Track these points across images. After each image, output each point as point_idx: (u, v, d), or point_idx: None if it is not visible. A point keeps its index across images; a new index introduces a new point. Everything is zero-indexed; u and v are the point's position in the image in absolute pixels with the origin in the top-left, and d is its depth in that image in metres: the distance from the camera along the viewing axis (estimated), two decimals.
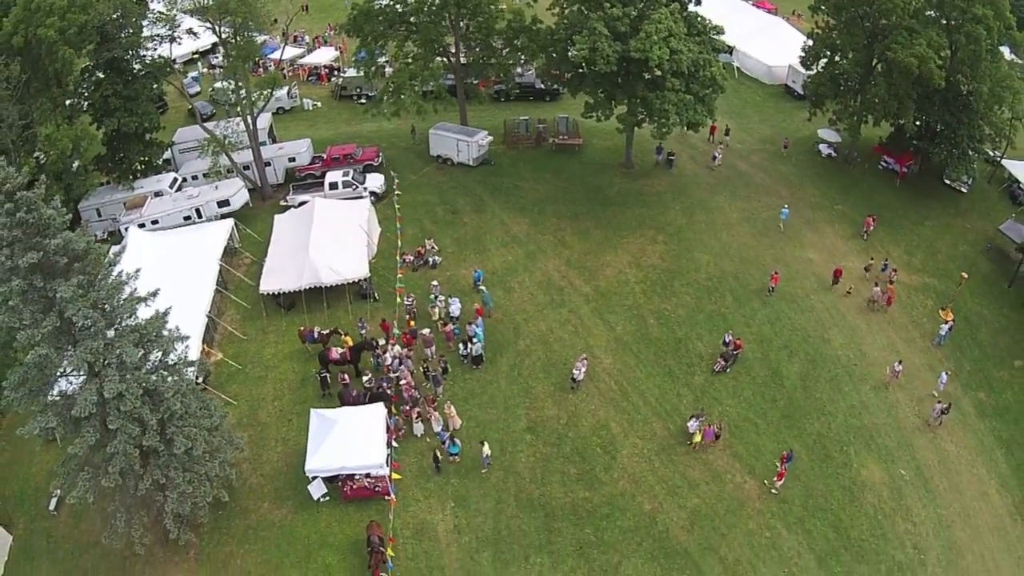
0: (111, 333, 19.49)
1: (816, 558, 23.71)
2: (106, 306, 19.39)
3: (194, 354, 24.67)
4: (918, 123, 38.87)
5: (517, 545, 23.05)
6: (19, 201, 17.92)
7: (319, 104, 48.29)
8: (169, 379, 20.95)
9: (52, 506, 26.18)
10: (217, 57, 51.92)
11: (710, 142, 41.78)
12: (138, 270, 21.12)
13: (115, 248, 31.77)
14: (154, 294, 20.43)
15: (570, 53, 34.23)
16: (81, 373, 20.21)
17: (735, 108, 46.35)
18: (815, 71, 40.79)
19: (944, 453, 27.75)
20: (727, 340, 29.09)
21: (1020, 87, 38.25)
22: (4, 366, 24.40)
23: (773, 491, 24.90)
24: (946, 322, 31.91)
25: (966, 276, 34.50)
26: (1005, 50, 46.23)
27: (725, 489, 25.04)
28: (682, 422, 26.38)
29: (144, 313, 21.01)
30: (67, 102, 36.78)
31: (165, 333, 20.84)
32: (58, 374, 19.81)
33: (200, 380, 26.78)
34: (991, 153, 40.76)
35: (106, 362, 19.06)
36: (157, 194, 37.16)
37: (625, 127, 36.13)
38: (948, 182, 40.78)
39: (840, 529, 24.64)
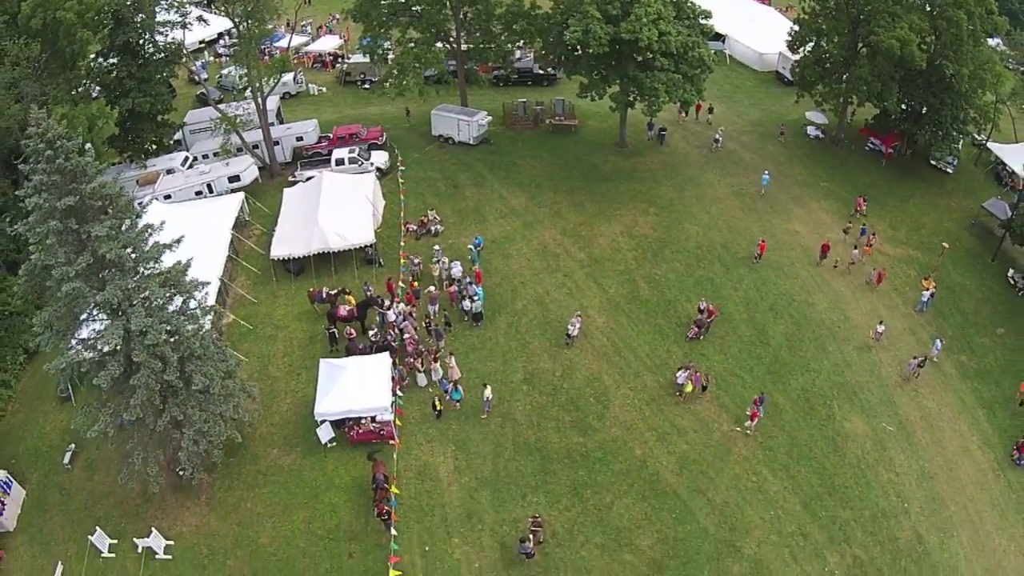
0: (138, 275, 21.01)
1: (801, 501, 25.01)
2: (134, 249, 20.90)
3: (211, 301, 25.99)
4: (903, 105, 40.36)
5: (514, 485, 24.46)
6: (58, 149, 19.50)
7: (324, 89, 50.05)
8: (189, 324, 22.45)
9: (67, 460, 27.57)
10: (223, 46, 53.81)
11: (696, 120, 43.50)
12: (162, 221, 22.65)
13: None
14: (178, 241, 21.89)
15: (565, 36, 35.95)
16: (106, 317, 21.69)
17: (726, 93, 48.07)
18: (801, 55, 42.52)
19: (926, 410, 29.09)
20: (702, 308, 30.28)
21: (1002, 71, 39.96)
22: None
23: (747, 432, 26.25)
24: (927, 290, 33.46)
25: (947, 246, 35.84)
26: (997, 41, 48.31)
27: (712, 437, 26.44)
28: (671, 375, 27.75)
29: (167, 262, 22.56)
30: (84, 82, 38.44)
31: (186, 279, 22.37)
32: (86, 315, 21.25)
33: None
34: (976, 136, 42.27)
35: (133, 301, 20.55)
36: (169, 171, 38.79)
37: (618, 106, 37.71)
38: (934, 163, 42.20)
39: (824, 476, 25.95)
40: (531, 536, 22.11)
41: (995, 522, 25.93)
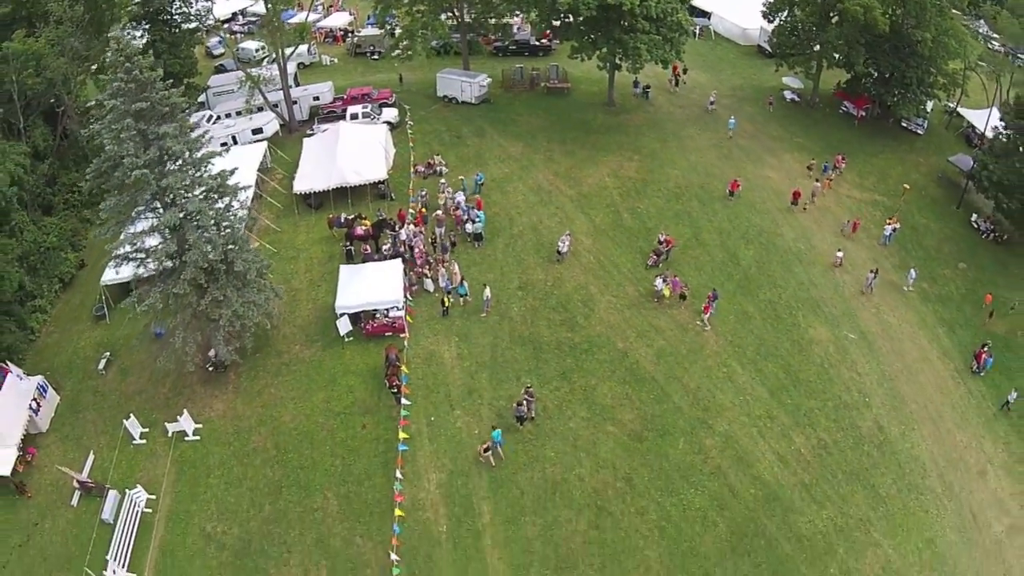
0: (194, 171, 24.74)
1: (768, 391, 28.18)
2: (190, 150, 24.57)
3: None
4: (871, 69, 43.71)
5: (510, 369, 27.93)
6: (134, 62, 23.28)
7: (336, 60, 54.07)
8: (232, 218, 25.98)
9: (101, 366, 30.76)
10: (239, 24, 58.08)
11: (677, 88, 47.18)
12: (207, 132, 26.22)
13: None
14: (225, 146, 25.38)
15: (558, 3, 39.68)
16: (162, 209, 25.22)
17: (711, 64, 51.95)
18: (776, 23, 45.86)
19: (887, 324, 32.24)
20: (661, 239, 33.25)
21: (966, 38, 43.21)
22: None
23: (703, 325, 29.49)
24: (889, 225, 36.66)
25: (908, 187, 39.38)
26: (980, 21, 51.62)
27: (687, 336, 29.82)
28: (651, 286, 31.21)
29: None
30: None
31: (229, 183, 25.91)
32: (144, 206, 24.69)
33: None
34: (942, 97, 44.77)
35: (188, 193, 24.25)
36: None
37: (605, 65, 41.54)
38: (904, 125, 45.57)
39: (790, 371, 29.12)
40: (525, 402, 25.53)
41: (955, 421, 28.88)
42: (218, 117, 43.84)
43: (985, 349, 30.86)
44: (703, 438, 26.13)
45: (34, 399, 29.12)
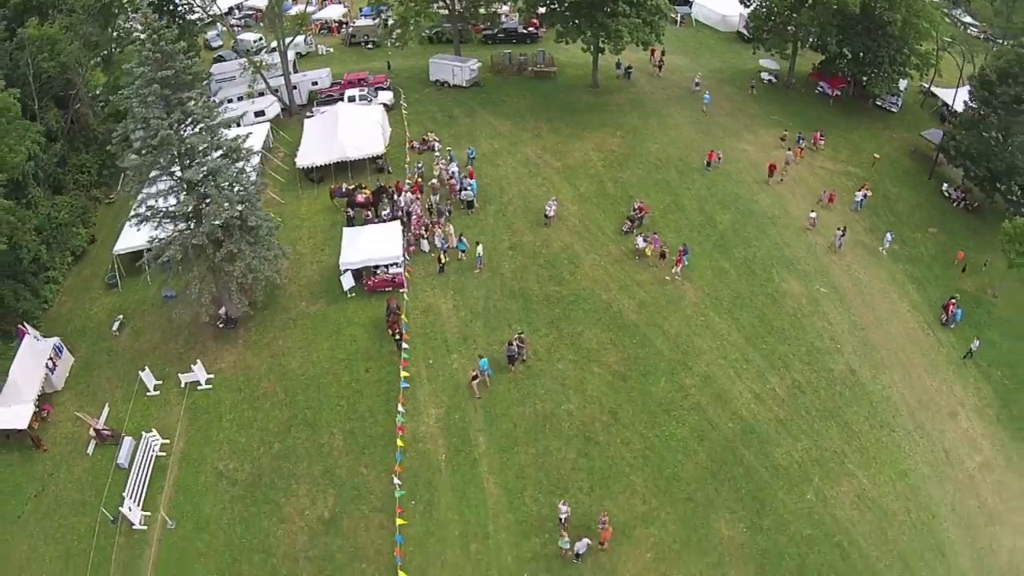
0: (212, 134, 26.86)
1: (744, 337, 30.20)
2: (209, 115, 26.68)
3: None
4: (845, 51, 45.84)
5: (502, 318, 29.93)
6: (161, 34, 25.43)
7: (331, 50, 56.45)
8: (246, 178, 27.99)
9: (115, 327, 32.45)
10: (235, 18, 60.19)
11: (651, 63, 49.63)
12: (225, 101, 28.16)
13: None
14: (241, 116, 27.27)
15: None
16: (179, 171, 27.18)
17: (692, 49, 54.58)
18: (753, 7, 48.09)
19: (858, 280, 34.12)
20: (635, 207, 35.26)
21: (936, 19, 44.71)
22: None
23: (674, 278, 31.51)
24: (860, 191, 38.71)
25: (878, 156, 41.55)
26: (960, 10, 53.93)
27: (667, 289, 31.87)
28: (632, 245, 33.24)
29: None
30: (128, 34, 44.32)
31: (244, 146, 27.89)
32: (164, 163, 26.71)
33: None
34: (914, 76, 46.41)
35: (208, 153, 26.42)
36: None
37: (590, 48, 43.90)
38: (879, 103, 47.72)
39: (764, 320, 31.12)
40: (516, 344, 27.45)
41: (926, 367, 30.54)
42: (221, 102, 45.93)
43: (953, 301, 32.71)
44: (683, 378, 28.14)
45: (50, 359, 30.70)
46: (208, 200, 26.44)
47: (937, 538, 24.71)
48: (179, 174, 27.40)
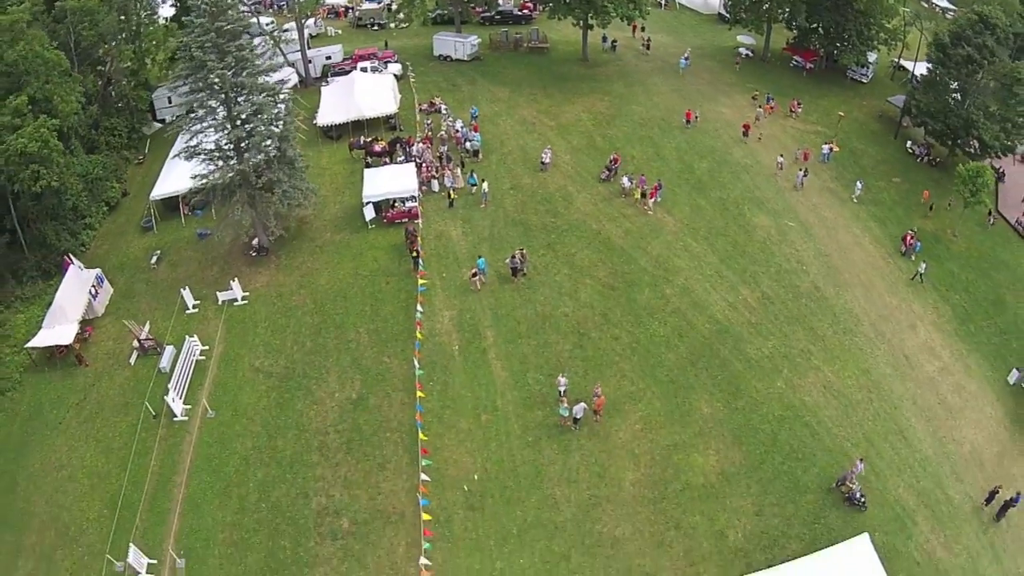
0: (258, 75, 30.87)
1: (719, 258, 34.00)
2: (256, 62, 30.68)
3: None
4: (815, 26, 50.07)
5: (506, 242, 33.76)
6: None
7: (339, 32, 60.57)
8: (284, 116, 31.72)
9: (153, 261, 35.97)
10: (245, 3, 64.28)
11: (633, 38, 54.21)
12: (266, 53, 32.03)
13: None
14: (277, 68, 31.05)
15: None
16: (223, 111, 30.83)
17: (675, 28, 59.43)
18: None
19: (824, 217, 37.91)
20: (611, 158, 38.97)
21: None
22: None
23: (648, 209, 35.22)
24: (827, 144, 42.63)
25: (843, 114, 45.49)
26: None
27: (650, 220, 35.79)
28: (619, 186, 37.16)
29: None
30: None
31: (282, 95, 31.60)
32: (220, 102, 30.52)
33: None
34: (882, 50, 50.71)
35: (256, 91, 30.34)
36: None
37: (579, 23, 48.35)
38: (851, 75, 51.74)
39: (737, 245, 34.91)
40: (519, 257, 31.25)
41: (886, 288, 34.16)
42: None
43: (911, 234, 36.24)
44: (664, 288, 31.92)
45: (93, 287, 34.08)
46: (252, 135, 30.29)
47: (899, 424, 28.04)
48: (223, 113, 31.18)
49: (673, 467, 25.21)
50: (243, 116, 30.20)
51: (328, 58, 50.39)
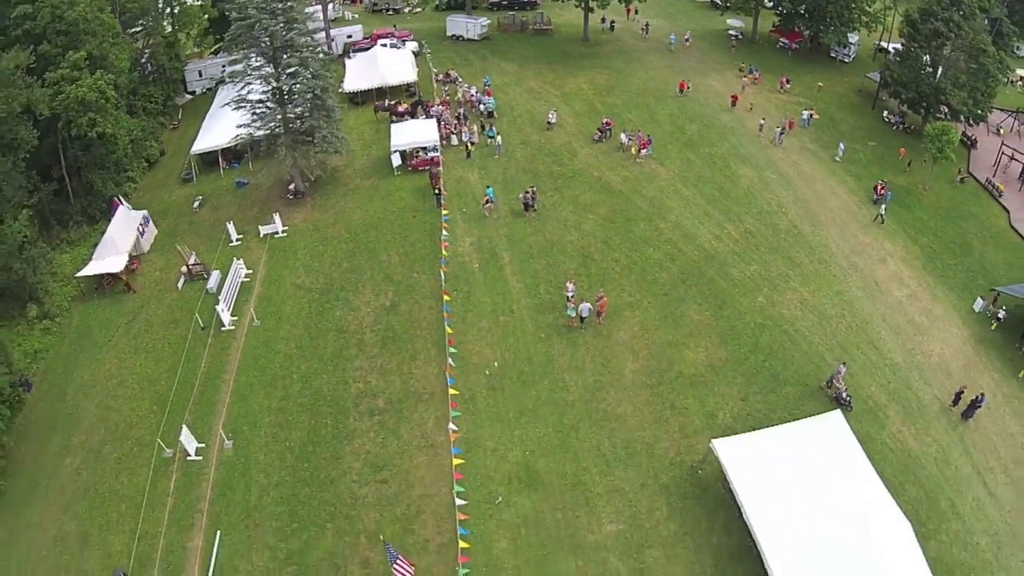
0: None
1: (706, 200, 37.98)
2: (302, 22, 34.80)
3: None
4: (800, 9, 54.32)
5: (518, 185, 37.80)
6: None
7: (356, 16, 65.45)
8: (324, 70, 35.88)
9: (195, 205, 39.84)
10: None
11: (642, 29, 58.46)
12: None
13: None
14: (315, 31, 35.11)
15: None
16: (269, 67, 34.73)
17: (670, 14, 64.22)
18: None
19: (802, 170, 41.84)
20: (604, 122, 43.05)
21: None
22: None
23: (638, 159, 39.20)
24: (807, 111, 46.66)
25: (821, 85, 49.77)
26: None
27: (645, 170, 39.94)
28: (619, 141, 41.29)
29: None
30: None
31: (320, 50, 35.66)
32: (269, 57, 34.45)
33: None
34: (861, 31, 54.84)
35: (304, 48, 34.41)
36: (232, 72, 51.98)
37: (581, 4, 52.89)
38: (833, 55, 56.03)
39: (723, 191, 38.91)
40: (530, 195, 35.26)
41: (859, 229, 37.55)
42: None
43: (881, 184, 39.88)
44: (658, 222, 35.90)
45: (140, 225, 37.86)
46: (297, 85, 34.40)
47: (870, 336, 31.34)
48: (269, 70, 35.12)
49: (668, 360, 28.97)
50: (289, 70, 34.15)
51: (349, 36, 54.84)
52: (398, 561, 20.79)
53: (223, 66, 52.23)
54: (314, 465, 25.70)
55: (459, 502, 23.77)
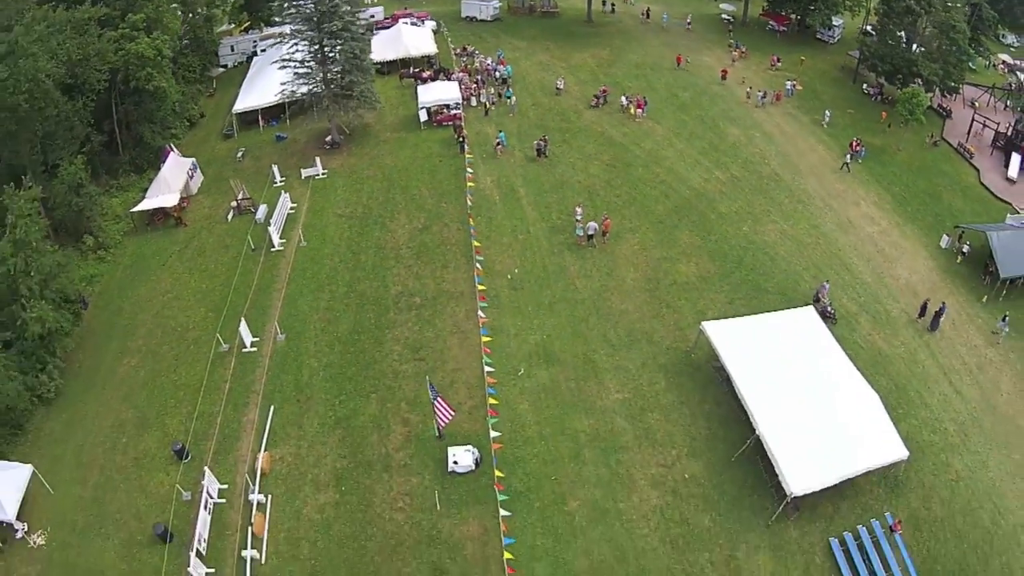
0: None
1: (697, 152, 42.92)
2: None
3: None
4: None
5: (531, 137, 42.69)
6: None
7: (373, 1, 69.83)
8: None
9: (239, 155, 44.36)
10: None
11: (642, 13, 63.45)
12: None
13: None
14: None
15: None
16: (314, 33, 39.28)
17: (666, 0, 68.92)
18: None
19: (784, 130, 46.64)
20: (601, 89, 47.69)
21: None
22: None
23: (637, 119, 44.00)
24: (790, 82, 51.36)
25: (804, 59, 54.60)
26: None
27: (643, 128, 44.94)
28: (619, 104, 46.06)
29: None
30: None
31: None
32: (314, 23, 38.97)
33: None
34: (844, 14, 59.34)
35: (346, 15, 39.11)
36: (282, 33, 56.59)
37: None
38: (819, 37, 60.71)
39: (712, 145, 43.84)
40: (543, 142, 40.17)
41: (835, 179, 41.92)
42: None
43: (856, 141, 44.19)
44: (654, 168, 40.86)
45: (189, 170, 42.26)
46: (340, 45, 39.21)
47: (843, 260, 35.62)
48: (311, 32, 39.78)
49: (663, 271, 33.64)
50: (333, 30, 38.82)
51: (371, 16, 59.38)
52: (439, 399, 24.94)
53: (254, 41, 57.68)
54: (359, 349, 30.15)
55: (487, 369, 28.18)
